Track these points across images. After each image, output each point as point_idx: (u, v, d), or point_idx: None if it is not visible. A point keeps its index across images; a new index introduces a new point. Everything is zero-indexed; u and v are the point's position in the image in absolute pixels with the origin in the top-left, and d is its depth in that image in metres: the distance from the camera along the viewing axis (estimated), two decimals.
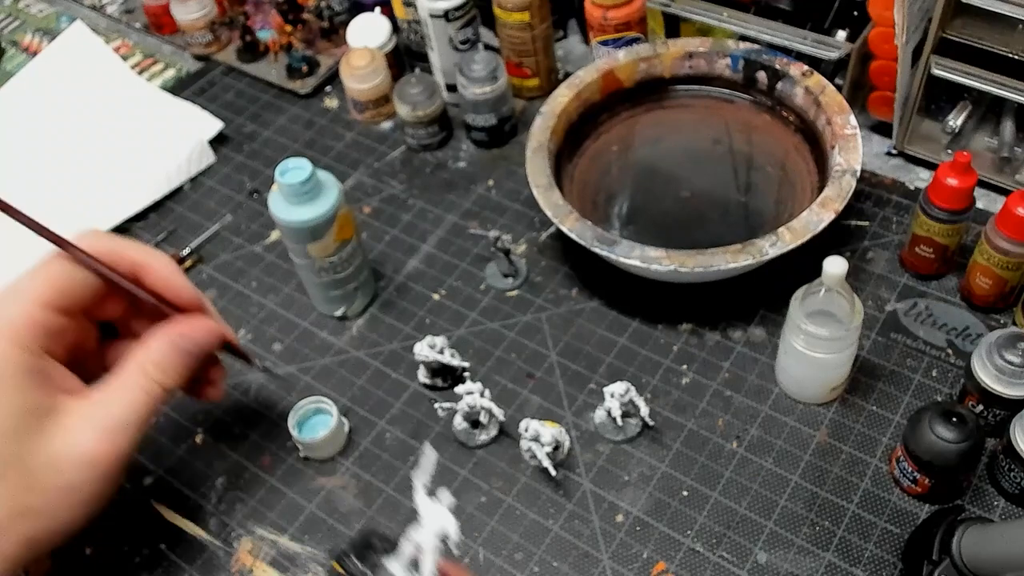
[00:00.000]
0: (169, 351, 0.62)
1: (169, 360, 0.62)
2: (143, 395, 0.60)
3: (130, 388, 0.60)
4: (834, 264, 0.70)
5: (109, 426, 0.59)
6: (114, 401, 0.60)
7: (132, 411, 0.60)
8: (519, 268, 0.93)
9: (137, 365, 0.61)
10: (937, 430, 0.67)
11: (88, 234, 0.63)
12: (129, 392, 0.60)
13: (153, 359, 0.61)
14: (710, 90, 0.97)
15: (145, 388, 0.60)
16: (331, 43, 1.21)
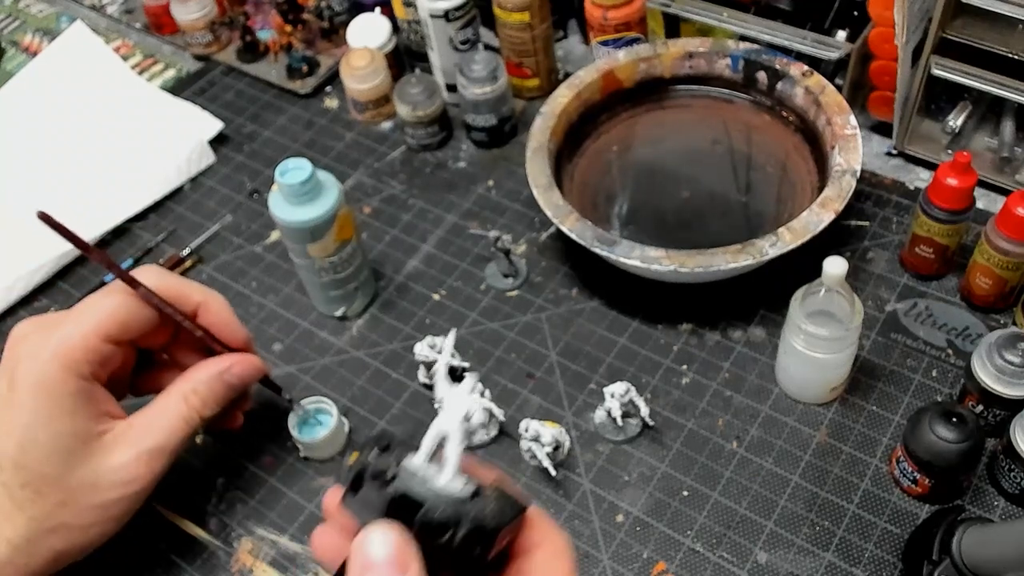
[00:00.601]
0: (214, 383, 0.66)
1: (211, 391, 0.66)
2: (182, 422, 0.64)
3: (171, 415, 0.64)
4: (834, 264, 0.70)
5: (148, 449, 0.62)
6: (155, 426, 0.63)
7: (170, 436, 0.64)
8: (519, 268, 0.93)
9: (180, 394, 0.65)
10: (937, 430, 0.67)
11: (152, 270, 0.67)
12: (169, 419, 0.64)
13: (197, 389, 0.65)
14: (710, 90, 0.97)
15: (185, 416, 0.64)
16: (331, 43, 1.21)
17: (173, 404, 0.64)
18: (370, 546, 0.32)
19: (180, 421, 0.64)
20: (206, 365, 0.66)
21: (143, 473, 0.62)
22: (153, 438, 0.63)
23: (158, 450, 0.63)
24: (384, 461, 0.35)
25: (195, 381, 0.65)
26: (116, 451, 0.61)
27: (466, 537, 0.33)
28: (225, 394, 0.67)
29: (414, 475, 0.34)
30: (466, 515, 0.33)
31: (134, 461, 0.62)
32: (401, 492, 0.34)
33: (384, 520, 0.33)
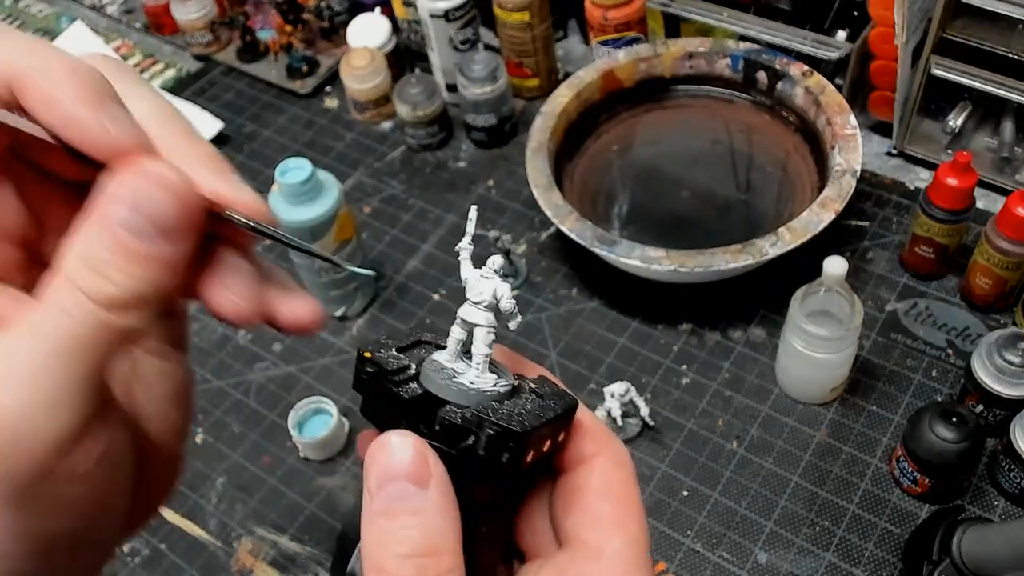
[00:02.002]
0: (102, 235, 0.26)
1: (105, 250, 0.26)
2: (67, 321, 0.25)
3: (33, 306, 0.25)
4: (834, 264, 0.70)
5: None
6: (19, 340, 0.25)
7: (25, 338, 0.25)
8: (519, 268, 0.93)
9: (59, 272, 0.26)
10: (937, 430, 0.67)
11: None
12: (28, 311, 0.25)
13: (82, 253, 0.26)
14: (710, 90, 0.97)
15: (71, 308, 0.25)
16: (331, 43, 1.21)
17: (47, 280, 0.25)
18: (383, 458, 0.27)
19: (49, 306, 0.25)
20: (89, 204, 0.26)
21: None
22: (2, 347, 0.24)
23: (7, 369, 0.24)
24: (402, 359, 0.30)
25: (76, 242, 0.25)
26: None
27: (490, 441, 0.27)
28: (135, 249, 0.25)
29: (439, 372, 0.29)
30: (489, 415, 0.27)
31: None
32: (419, 393, 0.29)
33: (399, 429, 0.28)
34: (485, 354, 0.29)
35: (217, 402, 0.87)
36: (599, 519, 0.29)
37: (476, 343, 0.29)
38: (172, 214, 0.25)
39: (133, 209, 0.24)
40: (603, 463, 0.30)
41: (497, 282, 0.29)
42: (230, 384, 0.88)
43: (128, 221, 0.24)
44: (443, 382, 0.29)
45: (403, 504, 0.26)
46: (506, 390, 0.29)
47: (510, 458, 0.27)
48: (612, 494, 0.30)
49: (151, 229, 0.25)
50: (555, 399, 0.29)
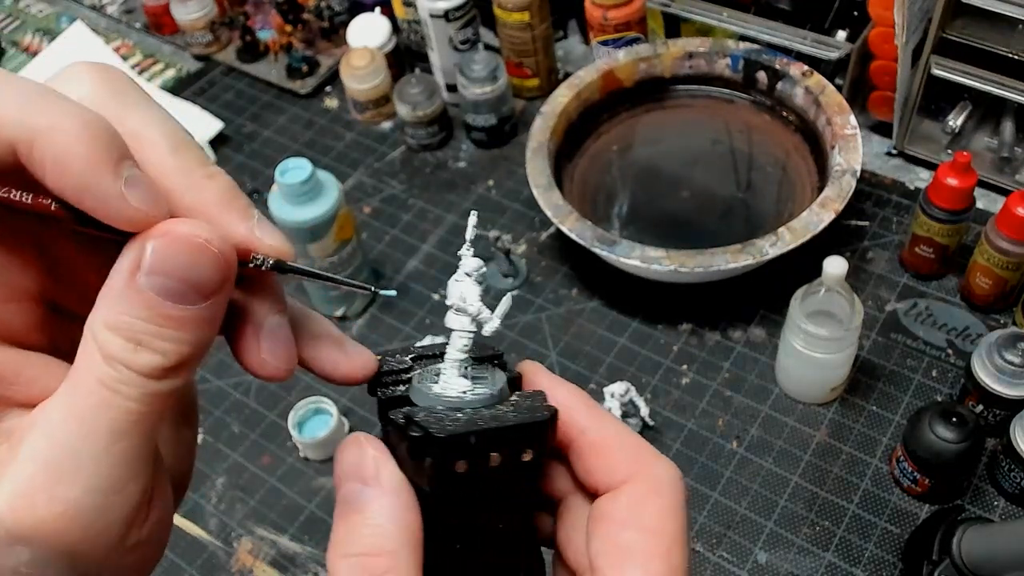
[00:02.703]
0: (130, 300, 0.24)
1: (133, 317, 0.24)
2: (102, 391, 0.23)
3: (81, 382, 0.24)
4: (834, 264, 0.70)
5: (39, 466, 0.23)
6: (60, 413, 0.24)
7: (86, 425, 0.23)
8: (519, 268, 0.93)
9: (87, 340, 0.24)
10: (937, 430, 0.67)
11: None
12: (79, 390, 0.24)
13: (108, 319, 0.24)
14: (710, 90, 0.97)
15: (103, 377, 0.23)
16: (331, 43, 1.21)
17: (82, 359, 0.24)
18: (339, 457, 0.27)
19: (96, 388, 0.23)
20: (112, 273, 0.24)
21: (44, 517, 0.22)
22: (52, 437, 0.23)
23: (65, 461, 0.23)
24: (405, 363, 0.29)
25: (103, 304, 0.24)
26: None
27: (413, 444, 0.26)
28: (162, 313, 0.24)
29: (426, 376, 0.29)
30: (418, 418, 0.26)
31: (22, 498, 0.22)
32: (394, 395, 0.29)
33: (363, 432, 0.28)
34: (456, 359, 0.29)
35: (217, 402, 0.87)
36: (620, 551, 0.27)
37: (449, 348, 0.29)
38: (209, 274, 0.23)
39: (167, 275, 0.23)
40: (635, 487, 0.28)
41: (466, 285, 0.29)
42: (230, 384, 0.88)
43: (165, 288, 0.23)
44: (418, 385, 0.28)
45: (350, 505, 0.26)
46: (476, 399, 0.28)
47: (433, 463, 0.26)
48: (639, 524, 0.27)
49: (190, 292, 0.23)
50: (522, 413, 0.28)
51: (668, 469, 0.28)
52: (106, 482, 0.23)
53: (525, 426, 0.27)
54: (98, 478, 0.23)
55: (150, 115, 0.25)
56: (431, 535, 0.27)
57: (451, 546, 0.28)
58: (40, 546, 0.22)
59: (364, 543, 0.26)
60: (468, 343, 0.29)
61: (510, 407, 0.28)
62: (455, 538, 0.28)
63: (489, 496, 0.28)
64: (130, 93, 0.25)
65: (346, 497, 0.27)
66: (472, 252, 0.29)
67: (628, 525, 0.27)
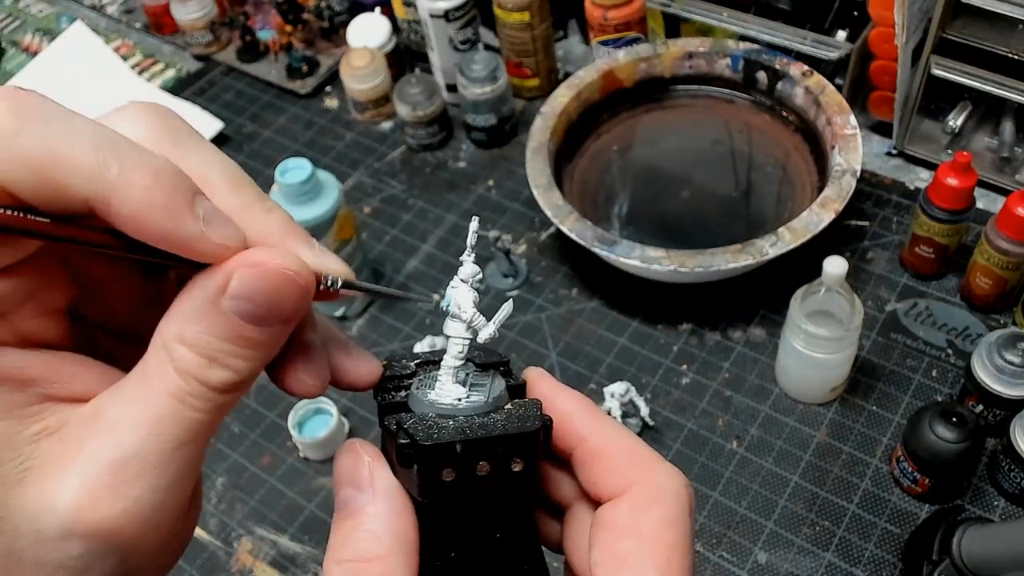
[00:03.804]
0: (211, 320, 0.26)
1: (212, 334, 0.26)
2: (171, 401, 0.26)
3: (150, 390, 0.26)
4: (834, 264, 0.70)
5: (111, 463, 0.25)
6: (125, 416, 0.26)
7: (154, 431, 0.25)
8: (519, 268, 0.93)
9: (161, 348, 0.26)
10: (937, 430, 0.67)
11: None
12: (148, 398, 0.26)
13: (184, 335, 0.26)
14: (710, 90, 0.97)
15: (173, 388, 0.26)
16: (331, 43, 1.21)
17: (153, 369, 0.26)
18: (336, 462, 0.28)
19: (167, 398, 0.25)
20: (189, 291, 0.26)
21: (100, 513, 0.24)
22: (120, 439, 0.25)
23: (132, 463, 0.25)
24: (409, 369, 0.30)
25: (179, 321, 0.26)
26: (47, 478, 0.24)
27: (399, 451, 0.26)
28: (241, 334, 0.26)
29: (425, 383, 0.29)
30: (404, 425, 0.26)
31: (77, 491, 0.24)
32: (392, 401, 0.29)
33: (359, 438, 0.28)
34: (451, 366, 0.29)
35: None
36: (617, 559, 0.27)
37: (446, 355, 0.29)
38: (292, 301, 0.25)
39: (252, 301, 0.25)
40: (635, 496, 0.27)
41: (461, 291, 0.29)
42: None
43: (248, 312, 0.25)
44: (415, 392, 0.29)
45: (345, 511, 0.27)
46: (470, 407, 0.28)
47: (419, 471, 0.26)
48: (636, 533, 0.27)
49: (270, 317, 0.25)
50: (514, 423, 0.27)
51: (671, 477, 0.28)
52: (165, 484, 0.24)
53: (513, 436, 0.27)
54: (159, 480, 0.24)
55: (207, 154, 0.26)
56: (426, 542, 0.27)
57: (447, 553, 0.28)
58: (95, 541, 0.23)
59: (357, 548, 0.26)
60: (463, 350, 0.29)
61: (502, 416, 0.28)
62: (450, 546, 0.28)
63: (481, 505, 0.28)
64: (185, 133, 0.26)
65: (341, 503, 0.27)
66: (473, 258, 0.29)
67: (626, 534, 0.27)
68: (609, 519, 0.28)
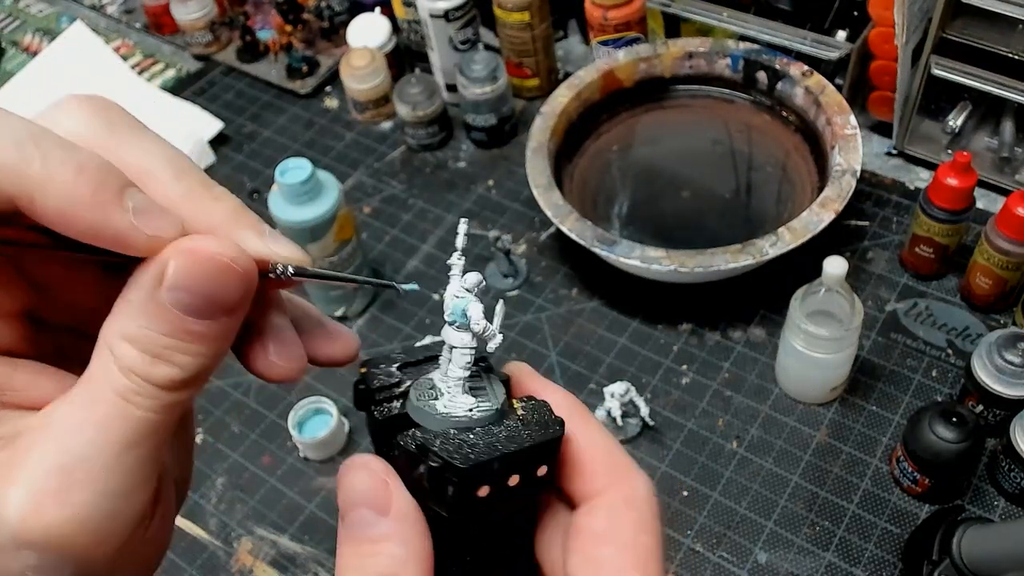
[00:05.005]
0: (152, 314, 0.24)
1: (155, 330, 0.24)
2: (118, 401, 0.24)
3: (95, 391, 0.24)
4: (834, 264, 0.70)
5: (49, 471, 0.23)
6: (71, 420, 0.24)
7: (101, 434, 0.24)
8: (519, 268, 0.93)
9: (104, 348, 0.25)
10: (937, 430, 0.67)
11: None
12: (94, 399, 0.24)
13: (126, 331, 0.24)
14: (710, 90, 0.97)
15: (119, 387, 0.24)
16: (331, 43, 1.21)
17: (97, 369, 0.24)
18: (347, 482, 0.27)
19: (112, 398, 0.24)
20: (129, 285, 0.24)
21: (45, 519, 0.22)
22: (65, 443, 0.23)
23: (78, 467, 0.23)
24: (395, 376, 0.29)
25: (121, 317, 0.24)
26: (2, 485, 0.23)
27: (432, 474, 0.26)
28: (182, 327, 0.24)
29: (424, 392, 0.28)
30: (435, 446, 0.26)
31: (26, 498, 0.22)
32: (393, 414, 0.28)
33: (366, 454, 0.27)
34: (459, 377, 0.28)
35: (217, 402, 0.87)
36: (597, 566, 0.27)
37: (452, 365, 0.28)
38: (232, 291, 0.24)
39: (190, 291, 0.23)
40: (611, 501, 0.28)
41: (469, 301, 0.28)
42: (230, 384, 0.88)
43: (186, 303, 0.23)
44: (419, 404, 0.28)
45: (363, 532, 0.26)
46: (483, 416, 0.27)
47: (456, 492, 0.26)
48: (615, 539, 0.27)
49: (212, 308, 0.24)
50: (535, 430, 0.27)
51: (644, 483, 0.28)
52: (116, 488, 0.23)
53: (542, 445, 0.27)
54: (108, 485, 0.23)
55: (148, 145, 0.25)
56: (442, 551, 0.26)
57: (462, 558, 0.28)
58: (47, 550, 0.22)
59: (380, 572, 0.26)
60: (471, 360, 0.28)
61: (518, 423, 0.27)
62: (467, 552, 0.28)
63: (504, 513, 0.28)
64: (125, 124, 0.25)
65: (355, 523, 0.26)
66: (463, 261, 0.29)
67: (605, 540, 0.27)
68: (587, 524, 0.28)
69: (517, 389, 0.31)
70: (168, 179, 0.25)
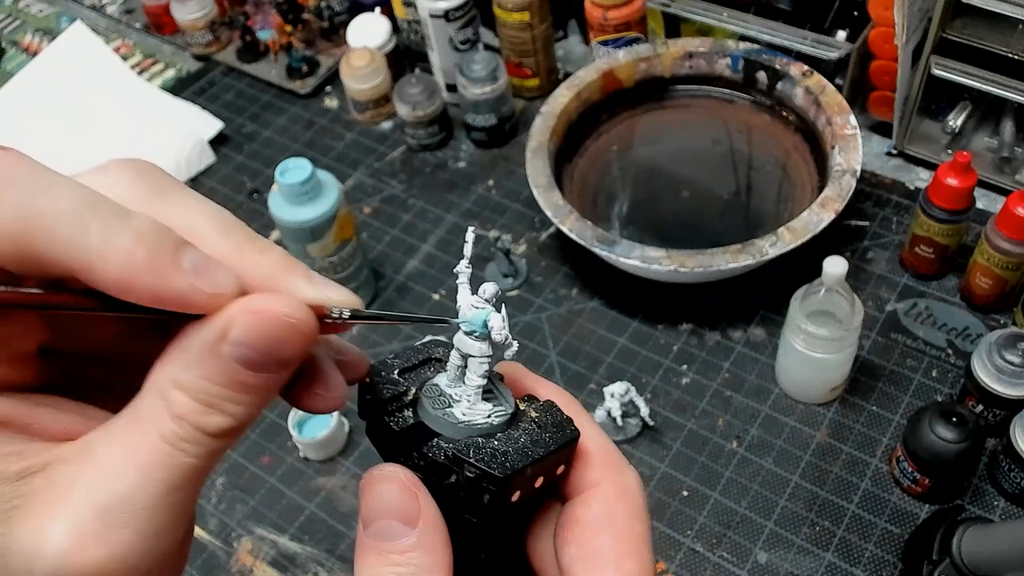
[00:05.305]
0: (210, 366, 0.25)
1: (210, 381, 0.25)
2: (164, 446, 0.25)
3: (141, 434, 0.25)
4: (834, 264, 0.70)
5: (98, 508, 0.24)
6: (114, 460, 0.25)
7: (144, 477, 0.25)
8: (519, 268, 0.93)
9: (155, 392, 0.26)
10: (937, 430, 0.67)
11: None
12: (139, 442, 0.25)
13: (180, 380, 0.25)
14: (710, 90, 0.97)
15: (166, 433, 0.25)
16: (331, 43, 1.21)
17: (146, 412, 0.25)
18: (374, 492, 0.27)
19: (160, 443, 0.25)
20: (188, 336, 0.25)
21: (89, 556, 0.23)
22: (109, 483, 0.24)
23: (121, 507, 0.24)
24: (400, 384, 0.29)
25: (175, 366, 0.25)
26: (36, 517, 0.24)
27: (470, 484, 0.26)
28: (239, 380, 0.25)
29: (436, 399, 0.28)
30: (469, 456, 0.26)
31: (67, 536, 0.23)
32: (410, 423, 0.28)
33: (390, 463, 0.27)
34: (478, 385, 0.29)
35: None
36: (595, 554, 0.28)
37: (469, 373, 0.29)
38: (293, 348, 0.25)
39: (252, 348, 0.24)
40: (605, 493, 0.29)
41: (490, 312, 0.29)
42: None
43: (247, 358, 0.24)
44: (435, 412, 0.28)
45: (391, 544, 0.26)
46: (501, 421, 0.28)
47: (491, 500, 0.27)
48: (611, 528, 0.28)
49: (270, 363, 0.25)
50: (553, 432, 0.28)
51: (634, 475, 0.30)
52: (155, 529, 0.24)
53: (565, 445, 0.28)
54: (148, 525, 0.24)
55: (192, 204, 0.26)
56: (459, 558, 0.27)
57: (478, 559, 0.29)
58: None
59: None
60: (489, 369, 0.29)
61: (534, 426, 0.28)
62: (482, 553, 0.29)
63: (525, 511, 0.29)
64: (168, 186, 0.26)
65: (383, 533, 0.27)
66: (471, 269, 0.29)
67: (601, 530, 0.28)
68: (581, 515, 0.29)
69: (515, 389, 0.31)
70: (216, 236, 0.25)
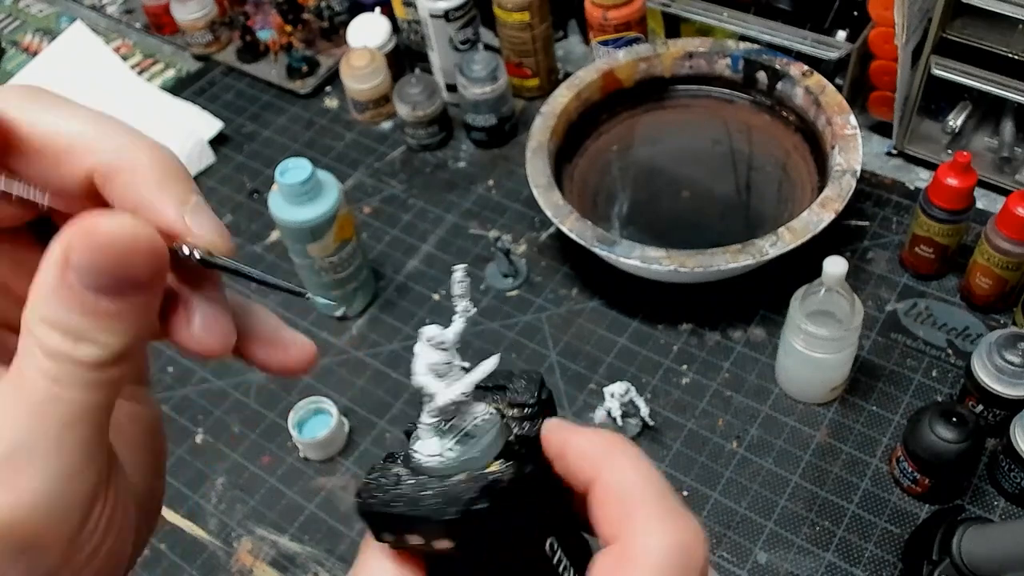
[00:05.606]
0: (68, 301, 0.23)
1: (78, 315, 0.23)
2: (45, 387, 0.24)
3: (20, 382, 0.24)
4: (834, 264, 0.70)
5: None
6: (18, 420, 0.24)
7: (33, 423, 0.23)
8: (519, 268, 0.93)
9: (26, 335, 0.24)
10: (937, 430, 0.67)
11: None
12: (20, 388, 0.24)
13: (37, 309, 0.24)
14: (710, 90, 0.97)
15: (45, 372, 0.24)
16: (331, 43, 1.21)
17: (24, 354, 0.24)
18: None
19: (41, 381, 0.23)
20: (43, 265, 0.24)
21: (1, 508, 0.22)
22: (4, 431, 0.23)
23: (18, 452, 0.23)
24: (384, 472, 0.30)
25: (38, 300, 0.24)
26: None
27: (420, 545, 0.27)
28: (96, 307, 0.23)
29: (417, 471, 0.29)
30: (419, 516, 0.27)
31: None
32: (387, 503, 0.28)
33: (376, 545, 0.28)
34: (428, 423, 0.30)
35: (217, 402, 0.87)
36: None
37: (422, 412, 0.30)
38: (140, 269, 0.23)
39: (96, 271, 0.22)
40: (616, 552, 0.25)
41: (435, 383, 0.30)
42: (230, 384, 0.88)
43: (95, 283, 0.23)
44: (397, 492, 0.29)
45: None
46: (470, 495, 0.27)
47: None
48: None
49: (122, 286, 0.23)
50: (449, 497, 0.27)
51: (662, 535, 0.24)
52: (61, 470, 0.23)
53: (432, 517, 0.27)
54: (52, 467, 0.23)
55: (80, 113, 0.26)
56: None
57: None
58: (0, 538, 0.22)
59: None
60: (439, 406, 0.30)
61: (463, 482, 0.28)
62: None
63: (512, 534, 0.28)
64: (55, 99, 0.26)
65: None
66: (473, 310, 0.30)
67: None
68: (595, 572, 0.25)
69: (550, 448, 0.29)
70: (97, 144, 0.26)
